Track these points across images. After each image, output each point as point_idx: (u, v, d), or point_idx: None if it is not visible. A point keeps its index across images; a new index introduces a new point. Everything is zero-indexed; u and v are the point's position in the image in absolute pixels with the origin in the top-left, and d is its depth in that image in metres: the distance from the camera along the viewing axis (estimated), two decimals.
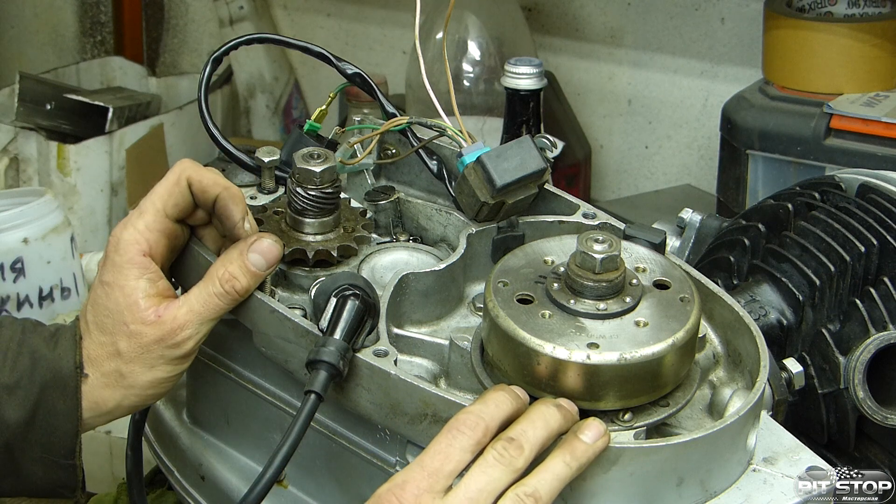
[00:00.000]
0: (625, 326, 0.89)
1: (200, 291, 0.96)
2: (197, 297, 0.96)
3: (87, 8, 2.99)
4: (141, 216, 0.97)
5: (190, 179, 0.97)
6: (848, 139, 1.83)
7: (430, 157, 1.10)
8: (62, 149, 2.36)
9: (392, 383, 0.89)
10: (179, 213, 0.98)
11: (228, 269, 0.96)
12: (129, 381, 0.95)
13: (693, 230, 1.32)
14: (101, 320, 0.96)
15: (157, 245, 0.97)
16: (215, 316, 0.96)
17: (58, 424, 0.95)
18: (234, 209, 0.97)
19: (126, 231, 0.96)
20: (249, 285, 0.96)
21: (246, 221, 0.98)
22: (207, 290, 0.96)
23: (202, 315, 0.95)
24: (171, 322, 0.94)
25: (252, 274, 0.96)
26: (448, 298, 1.02)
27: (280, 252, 0.98)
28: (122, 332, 0.95)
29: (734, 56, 2.26)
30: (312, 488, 1.03)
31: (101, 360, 0.96)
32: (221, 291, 0.96)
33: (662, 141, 2.34)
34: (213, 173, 0.98)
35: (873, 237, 1.14)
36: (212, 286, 0.96)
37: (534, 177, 1.03)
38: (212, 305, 0.96)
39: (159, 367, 0.95)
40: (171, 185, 0.97)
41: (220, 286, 0.96)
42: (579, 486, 0.85)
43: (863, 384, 1.08)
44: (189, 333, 0.95)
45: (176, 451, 1.11)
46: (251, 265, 0.96)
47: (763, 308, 1.16)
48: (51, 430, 0.95)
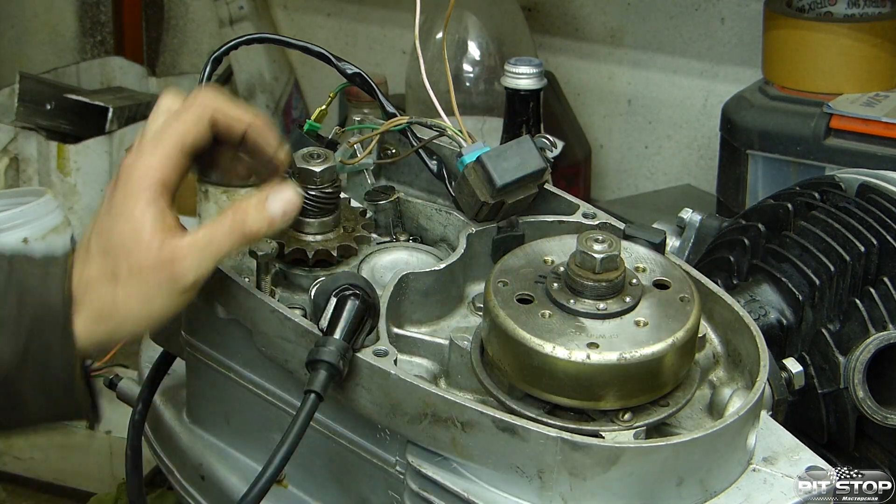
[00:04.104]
0: (625, 326, 0.89)
1: (210, 226, 0.93)
2: (205, 231, 0.92)
3: (87, 8, 2.99)
4: (157, 147, 0.92)
5: (215, 119, 0.93)
6: (848, 139, 1.83)
7: (430, 157, 1.10)
8: (62, 149, 2.36)
9: (392, 383, 0.89)
10: (196, 150, 0.94)
11: (243, 205, 0.93)
12: (123, 311, 0.92)
13: (693, 230, 1.32)
14: (104, 245, 0.92)
15: (169, 180, 0.93)
16: (219, 253, 0.92)
17: (52, 358, 0.92)
18: (266, 142, 0.95)
19: (140, 161, 0.92)
20: (260, 228, 0.93)
21: (281, 150, 0.96)
22: (216, 226, 0.92)
23: (205, 249, 0.91)
24: (173, 251, 0.91)
25: (266, 218, 0.93)
26: (448, 298, 1.02)
27: (299, 205, 0.95)
28: (123, 258, 0.91)
29: (734, 56, 2.26)
30: (312, 488, 1.03)
31: (97, 286, 0.92)
32: (229, 228, 0.92)
33: (662, 141, 2.34)
34: (239, 107, 0.95)
35: (873, 237, 1.14)
36: (222, 222, 0.92)
37: (534, 177, 1.03)
38: (217, 241, 0.92)
39: (156, 299, 0.91)
40: (192, 122, 0.93)
41: (230, 222, 0.92)
42: (579, 486, 0.85)
43: (863, 384, 1.08)
44: (190, 265, 0.91)
45: (176, 451, 1.11)
46: (268, 208, 0.93)
47: (763, 308, 1.16)
48: (46, 364, 0.92)
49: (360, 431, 0.96)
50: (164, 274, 0.91)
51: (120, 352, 1.76)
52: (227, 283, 0.98)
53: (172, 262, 0.91)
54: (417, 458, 0.90)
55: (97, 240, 0.93)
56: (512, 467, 0.86)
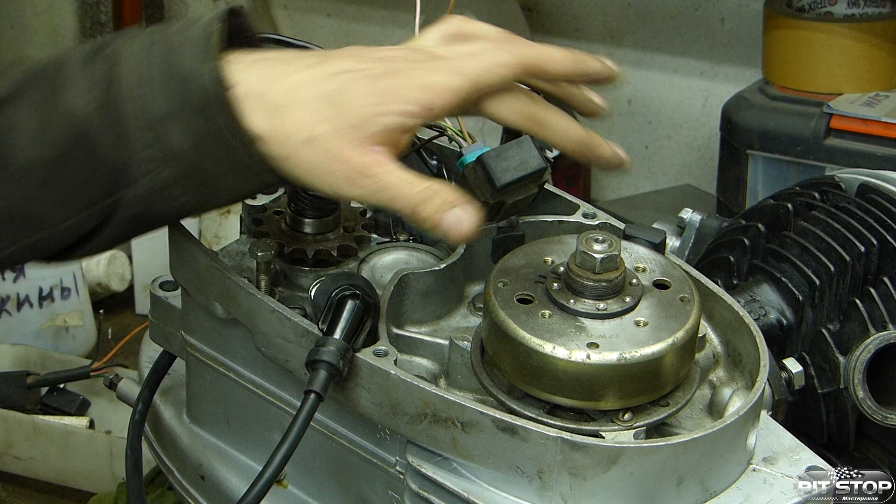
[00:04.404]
0: (625, 326, 0.89)
1: (411, 180, 0.89)
2: (405, 179, 0.89)
3: (87, 8, 2.99)
4: (456, 74, 0.90)
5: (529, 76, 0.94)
6: (848, 139, 1.84)
7: (430, 157, 1.10)
8: None
9: (392, 383, 0.89)
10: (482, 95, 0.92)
11: (441, 192, 0.89)
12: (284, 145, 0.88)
13: (693, 230, 1.32)
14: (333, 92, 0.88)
15: (437, 111, 0.90)
16: (384, 200, 0.89)
17: (226, 140, 0.88)
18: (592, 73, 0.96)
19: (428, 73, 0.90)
20: (423, 222, 0.89)
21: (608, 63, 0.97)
22: (410, 184, 0.89)
23: (385, 189, 0.88)
24: (370, 165, 0.87)
25: (436, 220, 0.89)
26: (448, 298, 1.02)
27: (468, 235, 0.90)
28: (335, 126, 0.87)
29: (734, 56, 2.26)
30: (312, 488, 1.03)
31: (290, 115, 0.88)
32: (413, 199, 0.88)
33: (662, 141, 2.34)
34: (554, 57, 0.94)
35: (873, 237, 1.14)
36: (416, 186, 0.89)
37: (534, 177, 1.03)
38: (395, 194, 0.88)
39: (316, 170, 0.88)
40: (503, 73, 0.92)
41: (419, 195, 0.88)
42: (579, 486, 0.85)
43: (863, 384, 1.08)
44: (363, 184, 0.88)
45: (176, 451, 1.11)
46: (446, 215, 0.89)
47: (763, 308, 1.16)
48: (222, 147, 0.88)
49: (360, 431, 0.96)
50: (341, 166, 0.88)
51: (120, 352, 1.76)
52: (227, 283, 0.98)
53: (359, 168, 0.88)
54: (417, 458, 0.90)
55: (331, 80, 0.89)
56: (512, 467, 0.86)
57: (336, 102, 0.88)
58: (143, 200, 0.90)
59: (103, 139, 0.88)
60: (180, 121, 0.88)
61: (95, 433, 1.87)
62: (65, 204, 0.90)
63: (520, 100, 0.94)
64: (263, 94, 0.88)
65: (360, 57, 0.91)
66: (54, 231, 0.91)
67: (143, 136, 0.88)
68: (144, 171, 0.89)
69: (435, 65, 0.91)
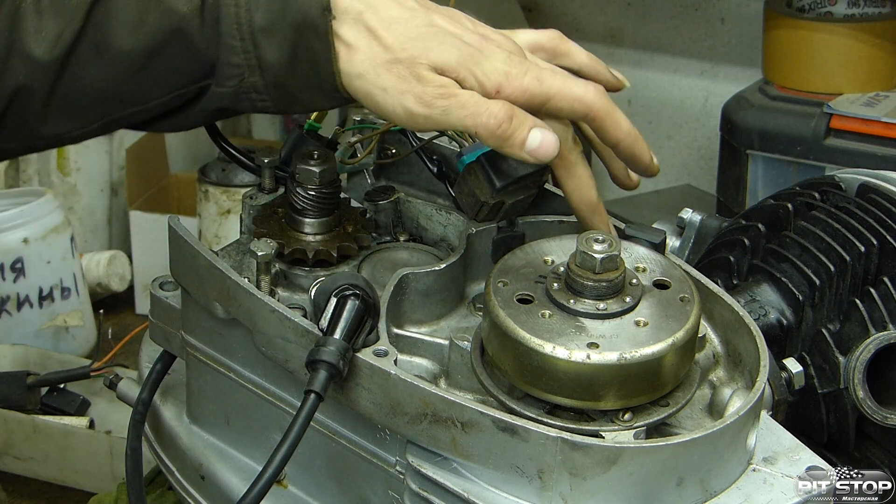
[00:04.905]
0: (625, 326, 0.89)
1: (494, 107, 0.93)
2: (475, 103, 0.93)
3: None
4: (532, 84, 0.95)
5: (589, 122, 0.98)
6: (848, 139, 1.84)
7: (430, 157, 1.10)
8: (62, 149, 2.37)
9: (392, 383, 0.89)
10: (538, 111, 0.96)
11: (519, 115, 0.93)
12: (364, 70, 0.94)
13: (693, 230, 1.32)
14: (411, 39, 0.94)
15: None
16: (466, 124, 0.93)
17: (319, 62, 0.95)
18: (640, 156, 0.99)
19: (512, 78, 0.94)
20: (507, 141, 0.93)
21: (652, 166, 1.01)
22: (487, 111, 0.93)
23: (460, 108, 0.92)
24: (449, 88, 0.93)
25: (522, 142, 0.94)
26: (448, 298, 1.02)
27: (551, 153, 0.95)
28: (408, 54, 0.93)
29: (734, 56, 2.26)
30: (312, 488, 1.03)
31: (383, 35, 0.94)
32: (494, 125, 0.93)
33: (662, 141, 2.34)
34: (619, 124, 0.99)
35: (873, 237, 1.14)
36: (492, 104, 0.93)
37: (534, 177, 1.03)
38: (471, 116, 0.93)
39: (390, 90, 0.94)
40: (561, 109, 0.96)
41: (500, 123, 0.93)
42: (579, 486, 0.85)
43: (863, 384, 1.08)
44: (439, 106, 0.93)
45: (176, 451, 1.11)
46: (533, 135, 0.94)
47: (763, 308, 1.16)
48: (313, 68, 0.95)
49: (360, 431, 0.96)
50: (419, 87, 0.93)
51: (120, 352, 1.77)
52: (227, 283, 0.98)
53: (439, 88, 0.93)
54: (417, 458, 0.90)
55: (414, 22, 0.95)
56: (512, 467, 0.86)
57: (422, 44, 0.94)
58: (228, 99, 0.97)
59: (199, 38, 0.95)
60: (276, 37, 0.94)
61: (95, 433, 1.87)
62: (155, 87, 0.97)
63: (567, 137, 0.98)
64: (361, 13, 0.95)
65: (459, 22, 0.98)
66: (143, 108, 0.99)
67: (238, 43, 0.95)
68: (233, 75, 0.96)
69: (521, 61, 0.96)
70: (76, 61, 0.96)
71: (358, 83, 0.95)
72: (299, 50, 0.94)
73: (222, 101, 0.98)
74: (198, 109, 0.99)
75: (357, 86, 0.95)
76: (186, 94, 0.98)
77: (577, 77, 0.98)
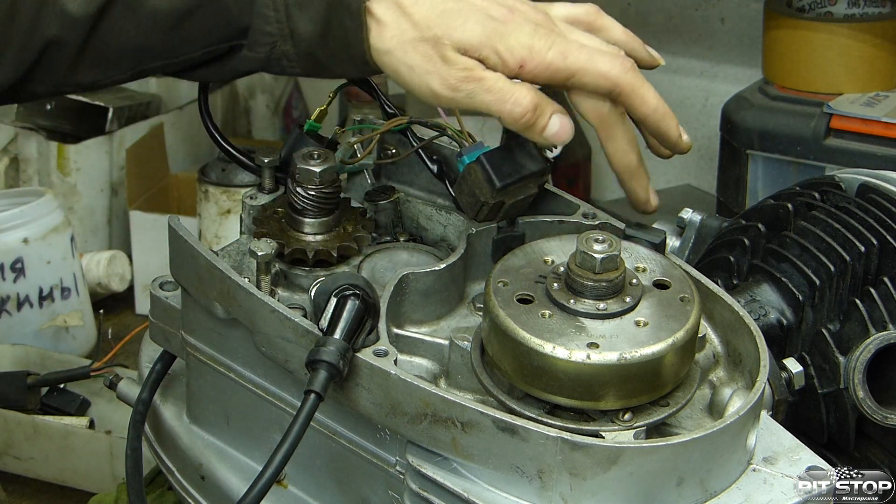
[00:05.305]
0: (625, 326, 0.89)
1: (515, 91, 0.95)
2: (502, 87, 0.95)
3: None
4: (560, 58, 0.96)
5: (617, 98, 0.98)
6: (848, 139, 1.84)
7: (430, 157, 1.10)
8: (62, 149, 2.36)
9: (392, 383, 0.89)
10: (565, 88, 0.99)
11: (543, 101, 0.96)
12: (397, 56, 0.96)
13: (693, 230, 1.32)
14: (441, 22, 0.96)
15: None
16: (485, 106, 0.96)
17: (349, 36, 0.97)
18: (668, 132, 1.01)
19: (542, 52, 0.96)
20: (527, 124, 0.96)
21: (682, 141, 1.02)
22: (508, 93, 0.95)
23: (485, 91, 0.95)
24: (474, 69, 0.95)
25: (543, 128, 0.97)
26: (448, 298, 1.02)
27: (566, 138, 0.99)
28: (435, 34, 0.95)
29: (734, 56, 2.26)
30: (312, 488, 1.03)
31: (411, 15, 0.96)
32: (511, 106, 0.95)
33: None
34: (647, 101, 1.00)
35: (873, 237, 1.14)
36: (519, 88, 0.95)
37: (534, 177, 1.03)
38: (492, 98, 0.95)
39: (416, 70, 0.96)
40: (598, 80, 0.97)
41: (527, 107, 0.95)
42: (579, 486, 0.85)
43: (863, 384, 1.08)
44: (465, 88, 0.95)
45: (176, 451, 1.11)
46: (553, 121, 0.97)
47: (763, 308, 1.16)
48: (344, 42, 0.97)
49: (360, 431, 0.96)
50: (444, 68, 0.95)
51: (120, 352, 1.76)
52: (227, 283, 0.98)
53: (465, 70, 0.94)
54: (417, 458, 0.90)
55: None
56: (512, 467, 0.86)
57: (448, 22, 0.95)
58: (259, 64, 1.01)
59: (233, 4, 0.98)
60: (309, 10, 0.97)
61: (95, 433, 1.87)
62: (187, 43, 1.00)
63: (605, 102, 1.00)
64: None
65: None
66: (174, 61, 1.03)
67: (272, 13, 0.98)
68: (265, 42, 0.99)
69: (548, 34, 0.97)
70: (110, 17, 0.99)
71: (386, 59, 0.97)
72: (332, 24, 0.97)
73: (253, 64, 1.02)
74: (228, 68, 1.03)
75: (385, 61, 0.97)
76: (217, 52, 1.01)
77: (605, 50, 0.99)
